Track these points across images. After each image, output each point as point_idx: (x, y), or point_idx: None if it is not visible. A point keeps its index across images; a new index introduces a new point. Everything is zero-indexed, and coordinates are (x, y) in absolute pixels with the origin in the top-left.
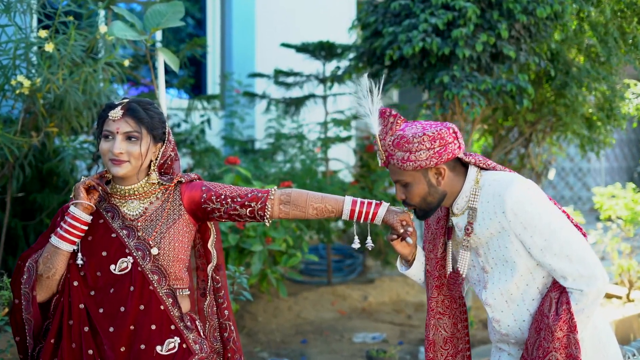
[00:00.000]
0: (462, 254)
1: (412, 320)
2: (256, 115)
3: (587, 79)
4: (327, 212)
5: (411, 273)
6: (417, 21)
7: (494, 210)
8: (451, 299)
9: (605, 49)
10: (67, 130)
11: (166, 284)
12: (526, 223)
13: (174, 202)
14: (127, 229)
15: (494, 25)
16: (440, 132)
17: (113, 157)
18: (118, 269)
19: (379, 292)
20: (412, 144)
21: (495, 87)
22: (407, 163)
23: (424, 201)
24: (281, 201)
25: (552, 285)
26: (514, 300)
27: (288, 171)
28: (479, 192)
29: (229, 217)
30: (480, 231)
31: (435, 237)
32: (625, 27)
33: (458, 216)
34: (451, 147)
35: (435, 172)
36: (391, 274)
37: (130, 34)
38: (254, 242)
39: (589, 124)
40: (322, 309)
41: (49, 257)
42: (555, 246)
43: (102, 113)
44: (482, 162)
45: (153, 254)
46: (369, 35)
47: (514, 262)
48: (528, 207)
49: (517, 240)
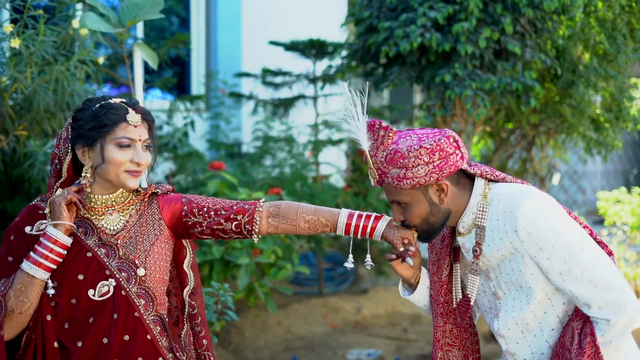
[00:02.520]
0: (471, 279)
1: (408, 334)
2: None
3: (595, 78)
4: (320, 226)
5: (415, 299)
6: (415, 15)
7: (504, 229)
8: (460, 328)
9: (614, 46)
10: (38, 134)
11: (153, 309)
12: (542, 244)
13: (152, 216)
14: (105, 247)
15: (498, 19)
16: (440, 143)
17: (133, 168)
18: (98, 294)
19: (373, 303)
20: (408, 158)
21: (499, 86)
22: (403, 181)
23: (425, 222)
24: (270, 214)
25: (574, 313)
26: (530, 330)
27: (277, 176)
28: (487, 209)
29: (211, 232)
30: (490, 253)
31: (439, 258)
32: (634, 23)
33: (464, 236)
34: (453, 158)
35: (437, 189)
36: (385, 284)
37: (105, 27)
38: (240, 255)
39: (596, 125)
40: (313, 323)
41: (22, 288)
42: (576, 270)
43: (111, 115)
44: (490, 173)
45: (140, 275)
46: (363, 31)
47: (530, 287)
48: (543, 225)
49: (533, 263)
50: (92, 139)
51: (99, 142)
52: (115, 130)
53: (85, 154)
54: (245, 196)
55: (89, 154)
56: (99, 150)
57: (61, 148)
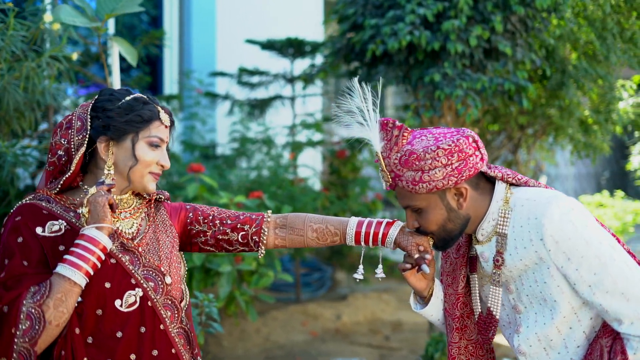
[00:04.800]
0: (492, 291)
1: (390, 341)
2: (218, 118)
3: (585, 79)
4: (329, 235)
5: (428, 312)
6: (403, 13)
7: (529, 237)
8: (476, 345)
9: (604, 46)
10: (7, 134)
11: (178, 321)
12: (570, 253)
13: (163, 223)
14: (129, 254)
15: (488, 17)
16: (459, 143)
17: (157, 170)
18: (125, 305)
19: (353, 310)
20: (424, 160)
21: (491, 86)
22: (419, 185)
23: (442, 229)
24: (277, 225)
25: (602, 329)
26: (554, 347)
27: (255, 179)
28: (509, 215)
29: (215, 242)
30: (512, 263)
31: (455, 269)
32: (624, 23)
33: (483, 244)
34: (472, 160)
35: (455, 193)
36: (364, 290)
37: (80, 20)
38: (221, 262)
39: (584, 127)
40: (292, 331)
41: (63, 298)
42: (607, 282)
43: (147, 111)
44: (512, 176)
45: (167, 284)
46: (347, 29)
47: (555, 300)
48: (572, 233)
49: (559, 274)
50: (124, 133)
51: (130, 137)
52: (150, 128)
53: (108, 148)
54: (226, 200)
55: (112, 148)
56: (128, 147)
57: (72, 138)
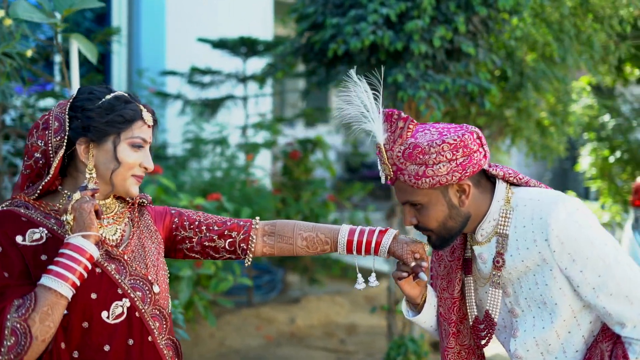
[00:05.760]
0: (492, 293)
1: (346, 345)
2: (168, 118)
3: (543, 81)
4: (320, 244)
5: (421, 320)
6: (365, 12)
7: (532, 238)
8: (469, 350)
9: (561, 48)
10: None
11: (166, 332)
12: (575, 254)
13: (148, 228)
14: (114, 262)
15: (451, 18)
16: (464, 139)
17: (140, 173)
18: (112, 317)
19: (307, 313)
20: (429, 154)
21: (454, 87)
22: (422, 179)
23: (442, 227)
24: (265, 232)
25: (601, 333)
26: (551, 352)
27: (209, 181)
28: (510, 215)
29: (201, 249)
30: (513, 264)
31: (449, 272)
32: (580, 26)
33: (482, 245)
34: (476, 157)
35: (458, 190)
36: (317, 293)
37: (38, 16)
38: (182, 266)
39: (541, 129)
40: (247, 335)
41: (49, 311)
42: (611, 284)
43: (129, 110)
44: (512, 175)
45: (155, 293)
46: (306, 28)
47: (556, 303)
48: (577, 234)
49: (562, 276)
50: (105, 134)
51: (111, 139)
52: (132, 128)
53: (88, 150)
54: (186, 202)
55: (93, 151)
56: (110, 149)
57: (50, 139)
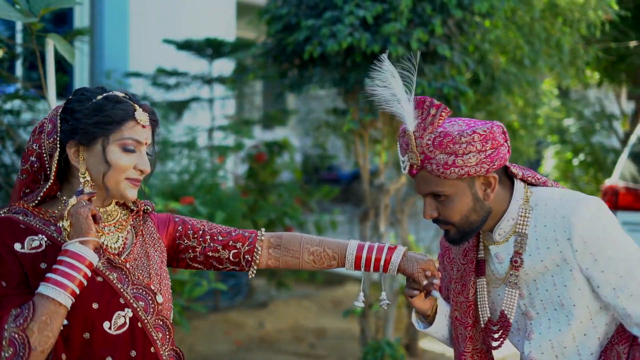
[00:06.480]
0: (508, 293)
1: (316, 349)
2: None
3: (514, 84)
4: (327, 259)
5: (433, 330)
6: (341, 14)
7: (554, 237)
8: (480, 354)
9: (532, 51)
10: None
11: (170, 342)
12: (598, 254)
13: (151, 236)
14: (116, 271)
15: (427, 20)
16: (492, 131)
17: (135, 176)
18: (114, 328)
19: (275, 317)
20: (459, 144)
21: (429, 90)
22: (450, 169)
23: (465, 220)
24: (271, 244)
25: (616, 335)
26: (566, 355)
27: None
28: (530, 214)
29: (204, 259)
30: (531, 264)
31: (463, 275)
32: (550, 29)
33: (499, 244)
34: (502, 150)
35: (484, 182)
36: (284, 297)
37: (15, 15)
38: None
39: (511, 132)
40: (216, 341)
41: (48, 320)
42: (633, 285)
43: (118, 110)
44: (531, 176)
45: (158, 302)
46: (279, 29)
47: (574, 305)
48: (601, 234)
49: (582, 276)
50: (93, 137)
51: (100, 141)
52: (122, 129)
53: (78, 153)
54: (161, 207)
55: (83, 154)
56: (99, 152)
57: (43, 142)
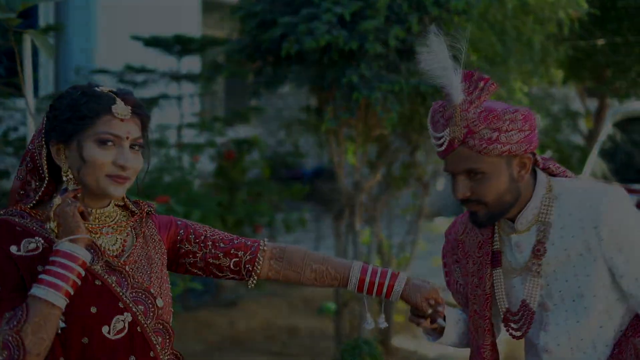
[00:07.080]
0: (530, 282)
1: (289, 348)
2: None
3: None
4: (328, 278)
5: (444, 341)
6: (318, 11)
7: (579, 226)
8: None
9: (504, 49)
10: None
11: (169, 347)
12: (623, 243)
13: (152, 238)
14: (115, 274)
15: (404, 18)
16: (530, 113)
17: (116, 172)
18: (113, 332)
19: (246, 316)
20: (503, 121)
21: (407, 87)
22: (494, 145)
23: (499, 200)
24: (273, 255)
25: (630, 328)
26: (581, 347)
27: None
28: (553, 203)
29: (205, 266)
30: (554, 253)
31: (480, 268)
32: (520, 27)
33: (521, 233)
34: (535, 134)
35: (519, 163)
36: (253, 296)
37: None
38: None
39: None
40: (187, 340)
41: (42, 323)
42: None
43: (92, 105)
44: (553, 166)
45: (159, 307)
46: (254, 26)
47: (594, 295)
48: (628, 224)
49: (605, 266)
50: (68, 134)
51: (75, 138)
52: (97, 124)
53: (60, 152)
54: None
55: (65, 152)
56: (75, 148)
57: (35, 141)
